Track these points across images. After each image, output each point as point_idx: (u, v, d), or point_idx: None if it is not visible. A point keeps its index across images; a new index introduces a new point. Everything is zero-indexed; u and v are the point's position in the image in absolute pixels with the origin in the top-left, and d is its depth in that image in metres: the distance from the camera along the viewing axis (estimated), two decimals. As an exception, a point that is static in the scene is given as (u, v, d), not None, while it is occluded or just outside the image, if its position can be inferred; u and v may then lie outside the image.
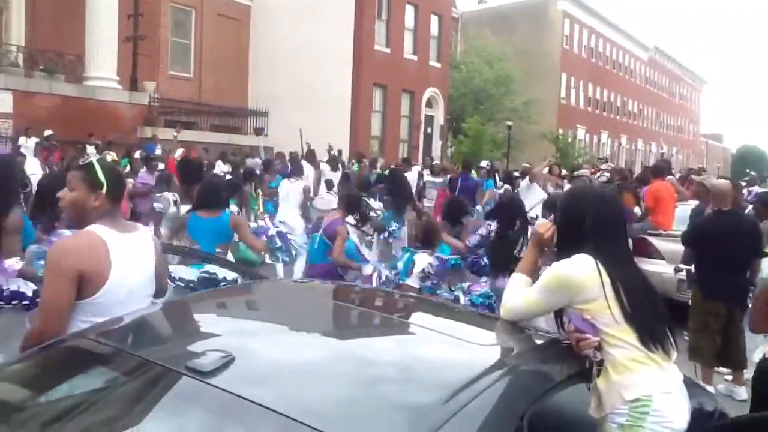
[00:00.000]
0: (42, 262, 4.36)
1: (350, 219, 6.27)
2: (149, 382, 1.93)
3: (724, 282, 5.37)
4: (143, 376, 1.95)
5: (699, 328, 5.52)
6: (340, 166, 14.42)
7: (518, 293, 2.59)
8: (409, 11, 27.00)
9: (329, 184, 11.81)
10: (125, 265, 2.50)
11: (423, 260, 5.31)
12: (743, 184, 8.93)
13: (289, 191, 9.62)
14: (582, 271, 2.38)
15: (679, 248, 6.49)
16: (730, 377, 5.76)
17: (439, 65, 28.93)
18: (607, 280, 2.36)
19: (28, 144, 14.75)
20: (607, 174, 12.72)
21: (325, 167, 13.13)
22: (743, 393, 5.54)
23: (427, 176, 13.13)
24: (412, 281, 5.24)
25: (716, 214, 5.61)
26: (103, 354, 2.10)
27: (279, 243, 5.66)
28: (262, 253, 6.01)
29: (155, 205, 7.77)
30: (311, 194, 10.43)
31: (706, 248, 5.52)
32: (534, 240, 2.76)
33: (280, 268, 8.25)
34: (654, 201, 8.35)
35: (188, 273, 4.33)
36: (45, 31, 18.81)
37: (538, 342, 2.50)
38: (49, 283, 2.46)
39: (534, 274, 2.71)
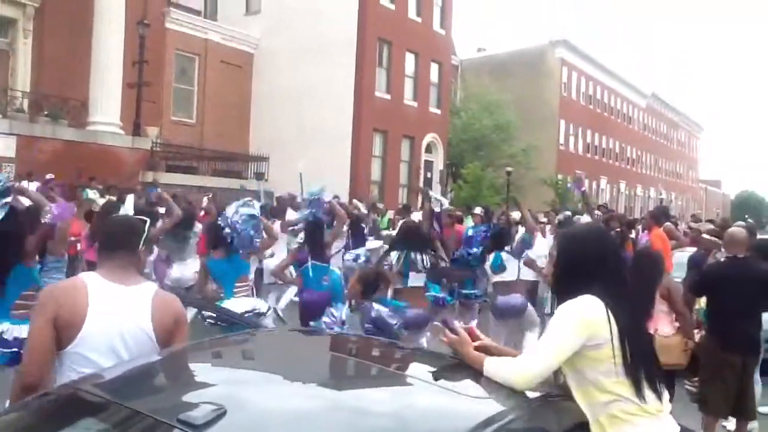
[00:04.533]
0: None
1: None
2: (140, 434, 1.91)
3: (741, 332, 5.13)
4: (134, 427, 1.93)
5: (712, 380, 5.21)
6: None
7: (525, 359, 2.38)
8: (410, 59, 27.43)
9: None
10: (107, 316, 2.44)
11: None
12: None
13: None
14: (595, 312, 2.34)
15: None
16: (731, 426, 5.66)
17: (439, 111, 29.27)
18: (614, 326, 2.32)
19: (29, 188, 14.84)
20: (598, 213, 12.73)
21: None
22: None
23: None
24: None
25: (730, 261, 5.40)
26: (95, 404, 2.08)
27: None
28: None
29: None
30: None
31: (720, 296, 5.25)
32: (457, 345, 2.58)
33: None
34: (663, 246, 8.29)
35: None
36: (50, 76, 19.09)
37: (535, 395, 2.48)
38: (31, 323, 2.54)
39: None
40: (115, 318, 2.47)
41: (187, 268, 7.69)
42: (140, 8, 20.32)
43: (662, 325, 5.38)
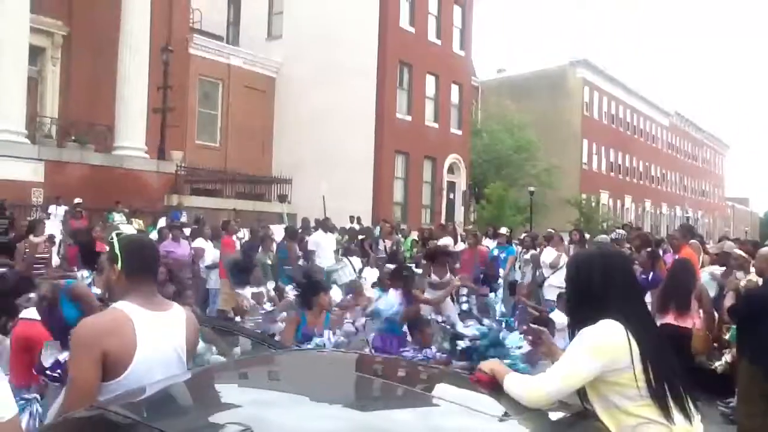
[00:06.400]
0: None
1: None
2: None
3: None
4: (161, 449, 1.93)
5: (761, 412, 4.86)
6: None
7: (539, 379, 2.36)
8: (430, 81, 27.56)
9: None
10: (152, 345, 2.42)
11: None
12: None
13: None
14: (614, 337, 2.30)
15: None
16: None
17: (460, 132, 29.29)
18: (636, 350, 2.28)
19: (57, 212, 15.09)
20: (621, 232, 12.53)
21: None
22: None
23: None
24: None
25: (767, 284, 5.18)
26: (122, 425, 2.08)
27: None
28: None
29: None
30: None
31: (763, 322, 4.91)
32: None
33: None
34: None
35: None
36: (77, 102, 19.46)
37: (561, 416, 2.43)
38: (74, 361, 2.39)
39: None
40: (161, 349, 2.46)
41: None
42: (164, 34, 20.70)
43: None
